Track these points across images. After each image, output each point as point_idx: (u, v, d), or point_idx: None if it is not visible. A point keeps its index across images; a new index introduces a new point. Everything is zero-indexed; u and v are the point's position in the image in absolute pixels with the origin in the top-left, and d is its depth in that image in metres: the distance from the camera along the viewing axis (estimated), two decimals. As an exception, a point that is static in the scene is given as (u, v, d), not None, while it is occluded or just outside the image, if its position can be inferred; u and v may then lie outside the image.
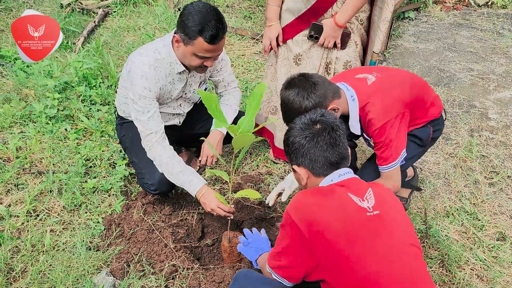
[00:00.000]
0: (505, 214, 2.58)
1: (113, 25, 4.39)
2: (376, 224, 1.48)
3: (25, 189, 2.49)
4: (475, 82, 3.81)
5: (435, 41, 4.47)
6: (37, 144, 2.76)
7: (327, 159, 1.59)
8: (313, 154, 1.59)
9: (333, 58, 2.53)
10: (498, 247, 2.37)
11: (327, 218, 1.46)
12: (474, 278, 2.21)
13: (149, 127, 2.23)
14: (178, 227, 2.34)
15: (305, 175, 1.63)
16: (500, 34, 4.58)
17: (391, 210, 1.55)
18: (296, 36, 2.53)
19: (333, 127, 1.61)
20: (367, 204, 1.51)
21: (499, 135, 3.18)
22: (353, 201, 1.51)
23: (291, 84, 1.95)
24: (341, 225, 1.46)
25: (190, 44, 2.09)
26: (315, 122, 1.62)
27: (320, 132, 1.59)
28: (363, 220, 1.47)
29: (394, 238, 1.48)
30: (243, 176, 2.75)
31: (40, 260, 2.11)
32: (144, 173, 2.38)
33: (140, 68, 2.16)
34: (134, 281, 2.05)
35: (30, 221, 2.32)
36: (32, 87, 3.19)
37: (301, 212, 1.50)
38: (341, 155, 1.60)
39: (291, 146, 1.64)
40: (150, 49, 2.21)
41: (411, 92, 2.09)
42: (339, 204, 1.50)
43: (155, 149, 2.25)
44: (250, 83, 3.64)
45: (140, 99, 2.18)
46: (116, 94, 2.53)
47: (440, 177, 2.82)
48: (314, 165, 1.60)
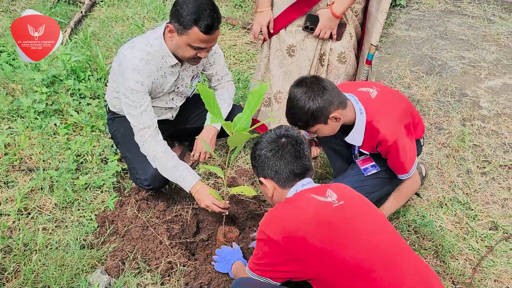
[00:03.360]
0: (497, 203, 2.60)
1: (100, 15, 4.29)
2: (345, 212, 1.61)
3: (15, 186, 2.45)
4: (466, 70, 3.81)
5: (426, 29, 4.45)
6: (26, 140, 2.70)
7: (292, 170, 1.69)
8: (279, 166, 1.69)
9: (327, 49, 2.50)
10: (490, 237, 2.39)
11: (299, 221, 1.57)
12: (468, 268, 2.23)
13: (142, 121, 2.19)
14: (173, 223, 2.32)
15: (271, 187, 1.73)
16: (490, 21, 4.57)
17: (353, 199, 1.68)
18: (289, 26, 2.49)
19: (297, 140, 1.72)
20: (331, 199, 1.64)
21: (491, 123, 3.19)
22: (318, 199, 1.63)
23: (302, 83, 2.00)
24: (314, 222, 1.56)
25: (184, 34, 2.04)
26: (280, 136, 1.73)
27: (285, 145, 1.70)
28: (331, 211, 1.59)
29: (365, 221, 1.62)
30: (237, 169, 2.73)
31: (33, 260, 2.08)
32: (137, 168, 2.34)
33: (131, 62, 2.11)
34: (129, 279, 2.04)
35: (22, 220, 2.28)
36: (19, 81, 3.12)
37: (274, 226, 1.59)
38: (305, 166, 1.71)
39: (258, 159, 1.73)
40: (141, 42, 2.16)
41: (407, 104, 2.22)
42: (305, 204, 1.62)
43: (148, 144, 2.22)
44: (242, 74, 3.60)
45: (132, 93, 2.14)
46: (107, 89, 2.48)
47: (433, 167, 2.83)
48: (280, 177, 1.70)
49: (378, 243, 1.57)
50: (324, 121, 2.01)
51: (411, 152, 2.16)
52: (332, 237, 1.54)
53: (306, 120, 2.00)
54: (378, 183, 2.34)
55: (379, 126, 2.08)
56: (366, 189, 2.31)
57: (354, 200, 1.69)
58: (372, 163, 2.34)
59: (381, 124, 2.08)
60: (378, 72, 3.78)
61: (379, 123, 2.08)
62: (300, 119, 2.01)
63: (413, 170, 2.20)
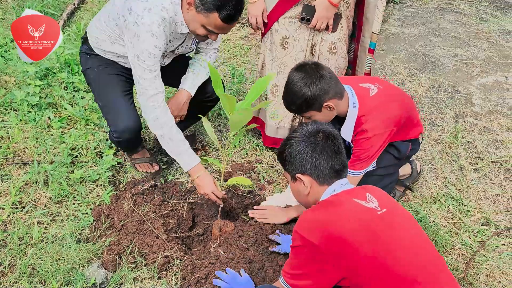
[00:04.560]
0: (489, 199, 2.64)
1: (93, 7, 4.25)
2: (389, 220, 1.51)
3: (9, 180, 2.43)
4: (459, 67, 3.86)
5: (419, 26, 4.49)
6: (20, 134, 2.67)
7: (332, 166, 1.61)
8: (320, 161, 1.60)
9: (318, 39, 2.50)
10: (483, 232, 2.43)
11: (342, 225, 1.47)
12: (461, 262, 2.27)
13: (156, 86, 2.14)
14: (169, 217, 2.32)
15: (308, 183, 1.63)
16: (482, 18, 4.62)
17: (394, 207, 1.58)
18: (280, 19, 2.49)
19: (334, 135, 1.65)
20: (373, 205, 1.53)
21: (483, 120, 3.23)
22: (360, 204, 1.53)
23: (301, 68, 2.02)
24: (358, 227, 1.47)
25: (202, 14, 1.99)
26: (317, 131, 1.65)
27: (324, 140, 1.62)
28: (375, 219, 1.50)
29: (408, 230, 1.53)
30: (232, 164, 2.74)
31: (29, 254, 2.07)
32: (108, 118, 2.32)
33: (150, 27, 2.02)
34: (126, 273, 2.03)
35: (16, 214, 2.26)
36: (12, 73, 3.08)
37: (314, 230, 1.49)
38: (343, 163, 1.64)
39: (295, 154, 1.63)
40: (157, 6, 2.04)
41: (406, 108, 2.20)
42: (349, 209, 1.52)
43: (161, 109, 2.16)
44: (237, 68, 3.59)
45: (149, 58, 2.07)
46: (92, 24, 2.34)
47: (427, 163, 2.86)
48: (320, 172, 1.61)
49: (423, 257, 1.50)
50: (318, 108, 2.03)
51: (375, 155, 2.14)
52: (377, 246, 1.45)
53: (299, 105, 2.02)
54: (373, 180, 2.35)
55: (365, 120, 2.09)
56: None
57: (395, 208, 1.59)
58: None
59: (368, 119, 2.09)
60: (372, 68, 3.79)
61: (367, 119, 2.09)
62: (293, 103, 2.03)
63: (362, 173, 2.18)
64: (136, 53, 2.07)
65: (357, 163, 2.16)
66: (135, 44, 2.07)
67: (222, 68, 3.64)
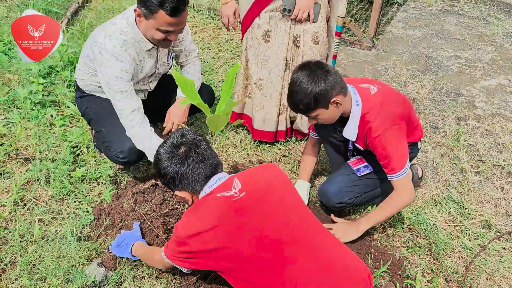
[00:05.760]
0: (490, 203, 2.63)
1: (97, 6, 4.27)
2: (246, 204, 1.62)
3: (11, 177, 2.44)
4: (462, 70, 3.85)
5: (423, 28, 4.48)
6: (22, 131, 2.69)
7: (203, 174, 1.67)
8: (189, 176, 1.66)
9: (300, 30, 2.53)
10: (483, 235, 2.43)
11: (204, 226, 1.59)
12: (461, 266, 2.26)
13: (130, 104, 2.22)
14: (169, 217, 2.32)
15: (189, 197, 1.73)
16: (486, 21, 4.61)
17: (260, 184, 1.71)
18: (262, 13, 2.52)
19: (196, 143, 1.68)
20: (234, 191, 1.64)
21: (485, 123, 3.22)
22: (220, 198, 1.63)
23: (305, 67, 2.02)
24: (217, 223, 1.59)
25: (151, 18, 2.05)
26: (177, 146, 1.67)
27: (187, 154, 1.65)
28: (231, 206, 1.61)
29: (273, 205, 1.66)
30: (233, 164, 2.74)
31: (29, 251, 2.08)
32: (113, 141, 2.35)
33: (113, 50, 2.13)
34: (126, 272, 2.04)
35: (18, 211, 2.27)
36: (15, 71, 3.10)
37: (186, 230, 1.63)
38: (212, 165, 1.69)
39: (166, 177, 1.69)
40: (115, 31, 2.16)
41: (406, 107, 2.21)
42: (209, 210, 1.63)
43: (139, 125, 2.25)
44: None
45: (117, 81, 2.17)
46: (77, 69, 2.46)
47: (428, 165, 2.86)
48: (193, 185, 1.68)
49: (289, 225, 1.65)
50: (325, 105, 2.02)
51: (402, 150, 2.09)
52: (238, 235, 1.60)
53: (307, 103, 2.01)
54: (370, 183, 2.36)
55: (370, 118, 2.09)
56: (359, 188, 2.33)
57: (259, 185, 1.70)
58: (364, 164, 2.35)
59: (373, 116, 2.08)
60: (374, 70, 3.80)
61: (372, 115, 2.09)
62: (301, 102, 2.02)
63: (403, 173, 2.10)
64: (106, 80, 2.18)
65: (390, 164, 2.09)
66: (103, 72, 2.17)
67: (225, 68, 3.65)
